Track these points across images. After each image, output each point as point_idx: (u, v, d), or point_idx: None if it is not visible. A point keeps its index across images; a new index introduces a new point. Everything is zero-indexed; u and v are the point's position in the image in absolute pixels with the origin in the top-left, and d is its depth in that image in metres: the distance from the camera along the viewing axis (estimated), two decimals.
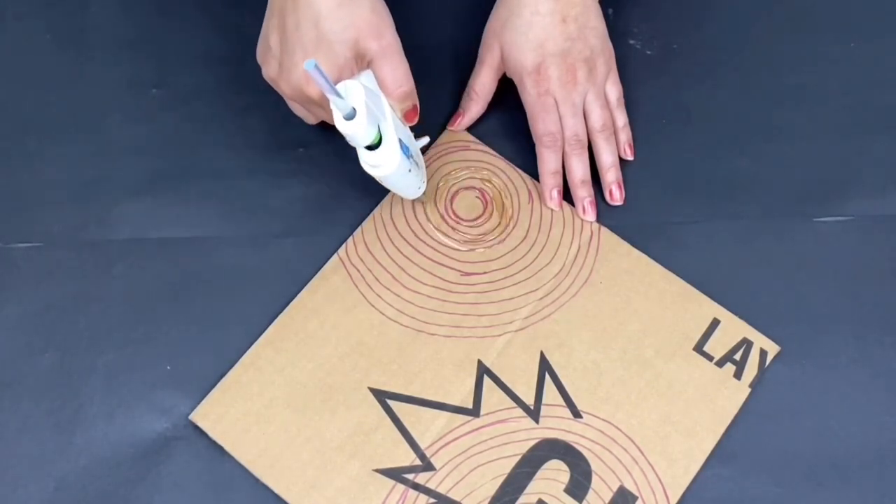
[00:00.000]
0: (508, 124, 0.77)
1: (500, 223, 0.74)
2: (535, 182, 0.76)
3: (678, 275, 0.72)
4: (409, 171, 0.67)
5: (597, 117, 0.74)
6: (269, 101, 0.78)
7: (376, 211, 0.74)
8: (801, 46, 0.81)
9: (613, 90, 0.75)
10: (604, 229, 0.74)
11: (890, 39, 0.81)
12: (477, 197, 0.75)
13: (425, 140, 0.71)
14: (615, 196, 0.74)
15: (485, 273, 0.72)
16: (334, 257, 0.73)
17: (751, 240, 0.74)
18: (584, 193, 0.74)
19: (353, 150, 0.76)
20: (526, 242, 0.74)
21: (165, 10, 0.82)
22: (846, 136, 0.78)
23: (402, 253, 0.73)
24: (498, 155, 0.77)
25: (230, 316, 0.71)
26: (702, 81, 0.80)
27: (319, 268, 0.72)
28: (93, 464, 0.67)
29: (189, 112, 0.78)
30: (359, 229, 0.74)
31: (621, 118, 0.76)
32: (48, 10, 0.82)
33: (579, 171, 0.74)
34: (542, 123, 0.73)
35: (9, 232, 0.74)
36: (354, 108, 0.61)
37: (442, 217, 0.74)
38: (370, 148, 0.64)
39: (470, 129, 0.77)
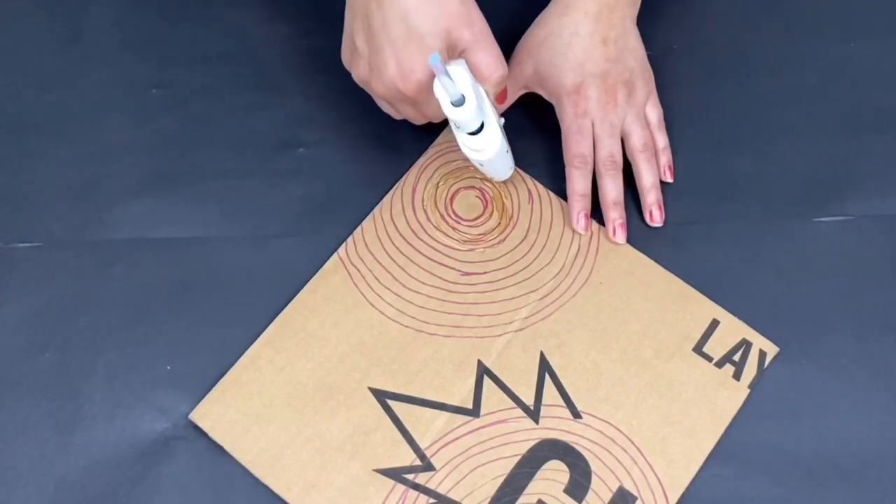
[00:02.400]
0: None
1: (500, 223, 0.74)
2: (536, 182, 0.76)
3: (678, 275, 0.72)
4: (507, 151, 0.69)
5: (637, 138, 0.74)
6: (270, 101, 0.79)
7: (376, 211, 0.74)
8: (801, 46, 0.81)
9: (654, 112, 0.75)
10: (604, 230, 0.74)
11: (890, 39, 0.81)
12: (477, 197, 0.75)
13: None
14: (655, 217, 0.74)
15: (485, 273, 0.72)
16: (334, 257, 0.73)
17: (751, 240, 0.74)
18: (615, 215, 0.73)
19: (353, 150, 0.77)
20: (526, 242, 0.74)
21: (165, 10, 0.82)
22: (846, 136, 0.78)
23: (402, 253, 0.73)
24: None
25: (230, 316, 0.71)
26: (702, 81, 0.80)
27: (319, 268, 0.72)
28: (93, 464, 0.67)
29: (189, 112, 0.78)
30: (359, 229, 0.74)
31: (662, 140, 0.75)
32: (48, 10, 0.82)
33: (612, 192, 0.73)
34: (576, 145, 0.73)
35: (9, 232, 0.74)
36: (463, 95, 0.62)
37: (442, 217, 0.74)
38: (472, 133, 0.65)
39: None
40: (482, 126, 0.66)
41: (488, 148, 0.67)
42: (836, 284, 0.72)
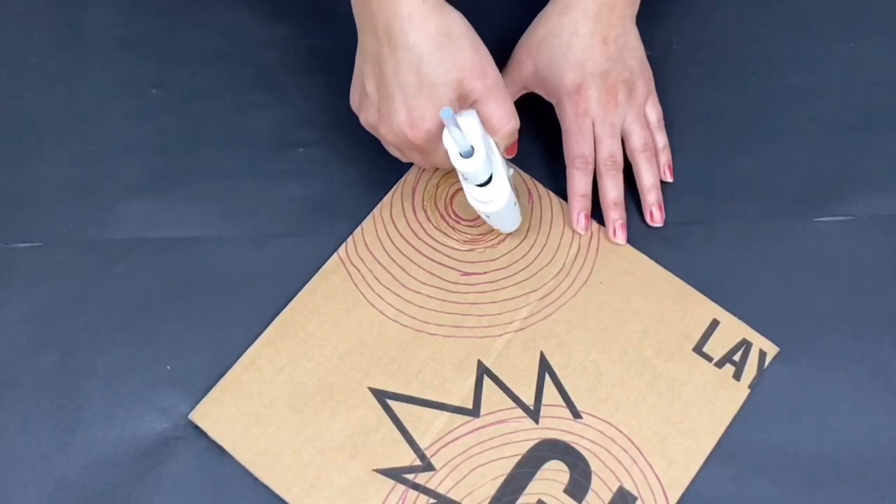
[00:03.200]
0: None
1: None
2: (536, 182, 0.76)
3: (678, 275, 0.72)
4: (515, 204, 0.68)
5: (637, 137, 0.73)
6: (270, 101, 0.79)
7: (376, 211, 0.74)
8: (801, 46, 0.81)
9: (653, 112, 0.75)
10: (604, 230, 0.74)
11: (890, 39, 0.81)
12: None
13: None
14: (656, 217, 0.74)
15: (485, 273, 0.72)
16: (334, 257, 0.73)
17: (751, 240, 0.74)
18: (616, 216, 0.73)
19: (353, 150, 0.77)
20: (526, 242, 0.74)
21: (165, 10, 0.82)
22: (846, 136, 0.78)
23: (402, 253, 0.73)
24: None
25: (230, 316, 0.71)
26: (702, 81, 0.80)
27: (319, 268, 0.72)
28: (93, 464, 0.67)
29: (189, 112, 0.78)
30: (359, 229, 0.74)
31: (661, 140, 0.75)
32: (48, 10, 0.82)
33: (613, 192, 0.73)
34: (577, 145, 0.73)
35: (9, 232, 0.74)
36: (472, 146, 0.61)
37: (442, 217, 0.74)
38: (480, 185, 0.64)
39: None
40: (490, 178, 0.65)
41: (496, 201, 0.66)
42: (836, 284, 0.72)
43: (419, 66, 0.62)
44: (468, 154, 0.62)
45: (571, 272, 0.72)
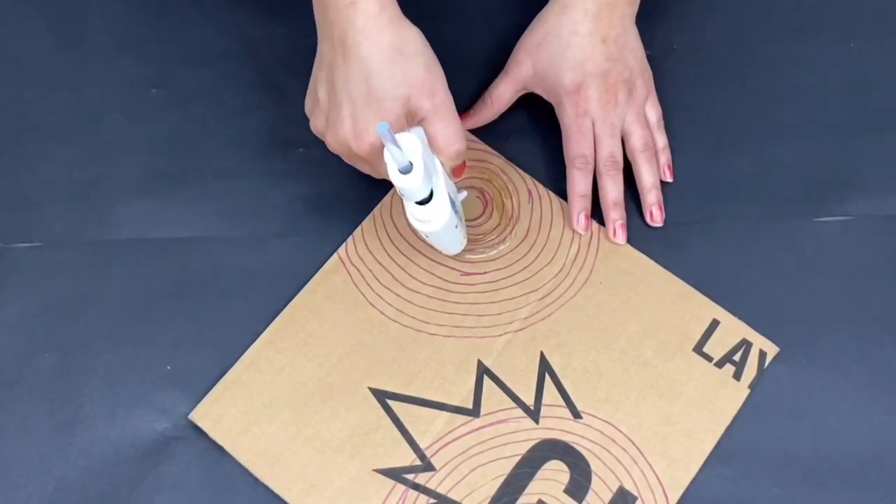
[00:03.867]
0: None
1: (500, 223, 0.74)
2: (536, 182, 0.76)
3: (678, 275, 0.72)
4: (456, 226, 0.67)
5: (637, 137, 0.73)
6: (270, 101, 0.79)
7: (376, 211, 0.74)
8: (801, 46, 0.81)
9: (653, 111, 0.75)
10: (604, 230, 0.74)
11: (890, 39, 0.81)
12: (477, 197, 0.75)
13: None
14: (655, 217, 0.74)
15: (485, 273, 0.72)
16: (334, 257, 0.73)
17: (751, 240, 0.74)
18: (616, 216, 0.73)
19: None
20: (526, 242, 0.74)
21: (165, 10, 0.82)
22: (846, 136, 0.78)
23: (402, 253, 0.73)
24: (498, 154, 0.77)
25: (230, 316, 0.71)
26: (702, 81, 0.80)
27: (319, 268, 0.72)
28: (93, 464, 0.67)
29: (189, 112, 0.78)
30: (359, 229, 0.74)
31: (661, 140, 0.75)
32: (48, 10, 0.82)
33: (613, 192, 0.73)
34: (577, 145, 0.73)
35: (9, 232, 0.74)
36: (411, 163, 0.60)
37: None
38: (419, 203, 0.64)
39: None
40: (431, 197, 0.64)
41: (434, 221, 0.64)
42: (836, 284, 0.72)
43: (368, 78, 0.62)
44: (406, 170, 0.60)
45: (571, 272, 0.72)
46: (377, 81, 0.62)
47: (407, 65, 0.62)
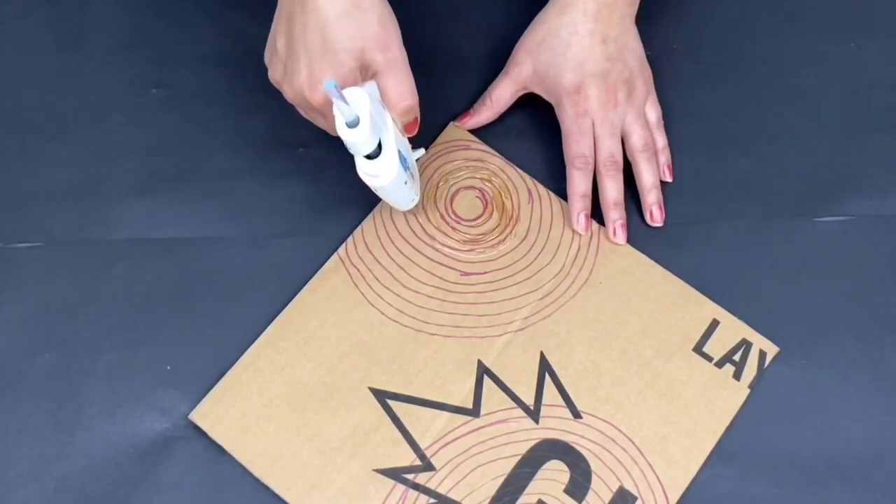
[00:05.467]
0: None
1: (500, 223, 0.74)
2: (536, 182, 0.76)
3: (678, 275, 0.72)
4: (405, 182, 0.67)
5: (637, 137, 0.73)
6: (269, 101, 0.78)
7: (376, 211, 0.74)
8: (801, 46, 0.81)
9: (653, 111, 0.75)
10: (604, 230, 0.74)
11: (890, 39, 0.81)
12: (477, 197, 0.75)
13: (421, 152, 0.71)
14: (655, 217, 0.74)
15: (485, 273, 0.72)
16: (334, 257, 0.73)
17: (751, 240, 0.74)
18: (616, 216, 0.73)
19: None
20: (526, 242, 0.74)
21: (165, 10, 0.82)
22: (846, 136, 0.78)
23: (402, 253, 0.73)
24: (498, 154, 0.77)
25: (230, 316, 0.71)
26: (702, 81, 0.80)
27: (319, 268, 0.72)
28: (93, 464, 0.67)
29: (189, 112, 0.78)
30: (359, 229, 0.74)
31: (661, 139, 0.75)
32: (48, 10, 0.82)
33: (613, 192, 0.73)
34: (577, 145, 0.73)
35: (9, 232, 0.74)
36: (358, 117, 0.61)
37: (442, 217, 0.74)
38: (369, 157, 0.64)
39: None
40: (379, 152, 0.64)
41: (383, 175, 0.64)
42: (836, 284, 0.72)
43: (324, 29, 0.62)
44: (353, 124, 0.61)
45: (571, 272, 0.72)
46: (332, 33, 0.62)
47: (361, 18, 0.62)
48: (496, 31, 0.80)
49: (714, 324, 0.71)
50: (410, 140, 0.69)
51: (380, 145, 0.63)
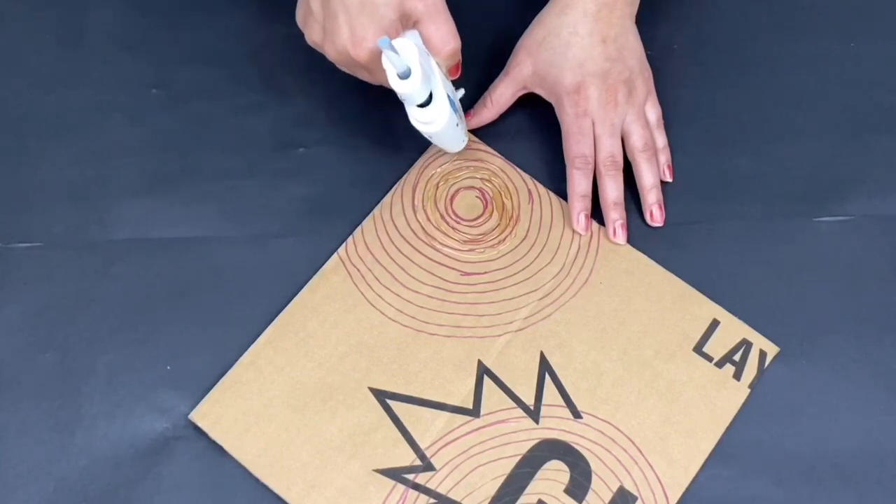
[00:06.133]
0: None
1: (500, 223, 0.74)
2: (536, 182, 0.76)
3: (678, 275, 0.72)
4: (457, 124, 0.69)
5: (638, 137, 0.73)
6: (270, 101, 0.79)
7: (376, 211, 0.74)
8: (801, 46, 0.81)
9: (653, 111, 0.75)
10: (603, 230, 0.74)
11: (890, 39, 0.81)
12: (477, 197, 0.75)
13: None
14: (656, 217, 0.74)
15: (485, 273, 0.72)
16: (334, 257, 0.73)
17: (751, 240, 0.74)
18: (616, 216, 0.73)
19: (353, 150, 0.77)
20: (526, 242, 0.74)
21: (165, 10, 0.82)
22: (846, 136, 0.78)
23: (402, 253, 0.73)
24: (498, 154, 0.77)
25: (230, 316, 0.71)
26: (702, 81, 0.80)
27: (319, 268, 0.72)
28: (93, 464, 0.67)
29: (189, 112, 0.78)
30: (359, 229, 0.74)
31: (661, 139, 0.75)
32: (48, 10, 0.82)
33: (613, 192, 0.73)
34: (577, 145, 0.73)
35: (9, 232, 0.74)
36: (409, 68, 0.62)
37: (442, 217, 0.74)
38: (421, 106, 0.65)
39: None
40: (431, 99, 0.65)
41: (437, 121, 0.66)
42: (836, 284, 0.72)
43: None
44: (405, 75, 0.62)
45: (571, 272, 0.72)
46: None
47: None
48: (496, 31, 0.80)
49: (714, 324, 0.71)
50: (452, 82, 0.69)
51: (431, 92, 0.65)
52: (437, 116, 0.66)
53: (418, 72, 0.62)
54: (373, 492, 0.66)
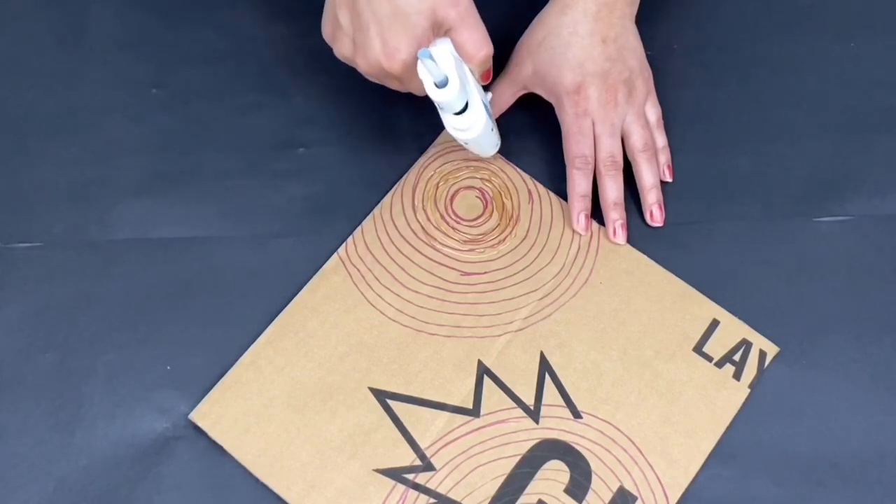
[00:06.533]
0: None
1: (500, 223, 0.74)
2: (536, 182, 0.76)
3: (678, 275, 0.72)
4: (491, 129, 0.70)
5: (638, 137, 0.73)
6: (270, 101, 0.79)
7: (376, 211, 0.74)
8: (801, 46, 0.81)
9: (653, 111, 0.75)
10: (603, 230, 0.74)
11: (890, 39, 0.81)
12: (477, 197, 0.75)
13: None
14: (656, 217, 0.74)
15: (485, 273, 0.72)
16: (334, 257, 0.73)
17: (751, 240, 0.74)
18: (616, 216, 0.73)
19: (353, 150, 0.77)
20: (526, 242, 0.74)
21: (165, 10, 0.82)
22: (846, 136, 0.78)
23: (402, 253, 0.73)
24: (498, 154, 0.77)
25: (230, 316, 0.71)
26: (702, 81, 0.80)
27: (319, 268, 0.72)
28: (93, 464, 0.67)
29: (189, 112, 0.78)
30: (359, 229, 0.74)
31: (661, 139, 0.75)
32: (48, 10, 0.82)
33: (613, 192, 0.73)
34: (577, 145, 0.73)
35: (9, 232, 0.74)
36: (447, 76, 0.62)
37: (442, 217, 0.74)
38: (457, 113, 0.65)
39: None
40: (466, 106, 0.66)
41: (473, 127, 0.67)
42: (836, 284, 0.72)
43: None
44: (443, 84, 0.62)
45: (571, 272, 0.72)
46: None
47: None
48: (496, 31, 0.79)
49: (714, 324, 0.71)
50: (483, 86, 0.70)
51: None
52: (473, 123, 0.66)
53: (456, 80, 0.62)
54: (373, 492, 0.66)
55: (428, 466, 0.66)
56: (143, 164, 0.76)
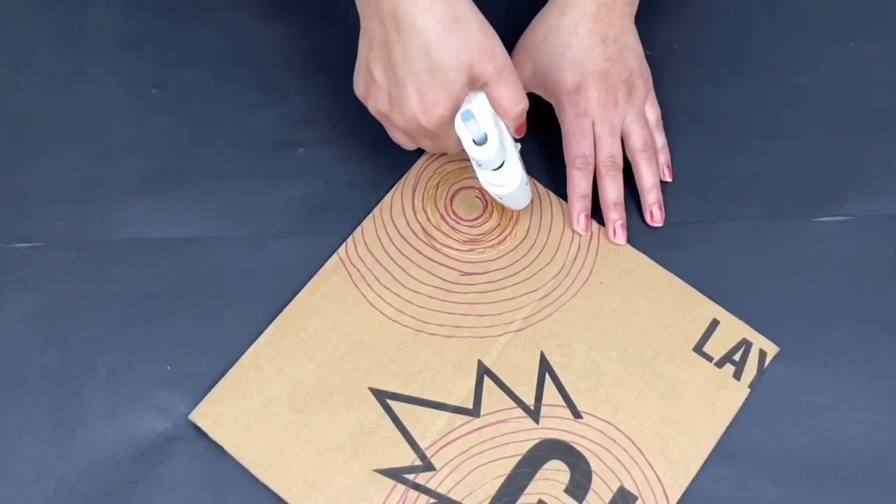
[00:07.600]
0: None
1: (500, 223, 0.74)
2: (536, 182, 0.76)
3: (678, 275, 0.72)
4: (526, 183, 0.69)
5: (637, 137, 0.73)
6: (270, 101, 0.79)
7: (376, 211, 0.74)
8: (801, 46, 0.81)
9: (652, 111, 0.75)
10: (603, 230, 0.74)
11: (890, 39, 0.81)
12: (477, 197, 0.75)
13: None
14: (656, 217, 0.74)
15: (485, 273, 0.72)
16: (334, 257, 0.73)
17: (751, 240, 0.74)
18: (616, 216, 0.73)
19: (353, 150, 0.77)
20: (526, 242, 0.74)
21: (165, 10, 0.82)
22: (846, 136, 0.78)
23: (402, 253, 0.73)
24: None
25: (230, 316, 0.71)
26: (702, 81, 0.80)
27: (319, 268, 0.72)
28: (93, 464, 0.67)
29: (189, 112, 0.78)
30: (359, 229, 0.74)
31: (660, 139, 0.75)
32: (48, 10, 0.82)
33: (613, 192, 0.73)
34: (577, 145, 0.73)
35: (9, 232, 0.74)
36: (486, 134, 0.61)
37: (442, 217, 0.74)
38: (494, 169, 0.65)
39: None
40: (503, 161, 0.65)
41: (510, 183, 0.67)
42: (836, 284, 0.72)
43: (429, 50, 0.61)
44: (482, 141, 0.62)
45: (571, 272, 0.72)
46: (437, 53, 0.61)
47: (464, 32, 0.62)
48: (496, 31, 0.80)
49: (714, 324, 0.71)
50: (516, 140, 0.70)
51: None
52: (510, 178, 0.66)
53: (495, 137, 0.62)
54: (373, 492, 0.66)
55: (428, 466, 0.66)
56: (143, 164, 0.76)
